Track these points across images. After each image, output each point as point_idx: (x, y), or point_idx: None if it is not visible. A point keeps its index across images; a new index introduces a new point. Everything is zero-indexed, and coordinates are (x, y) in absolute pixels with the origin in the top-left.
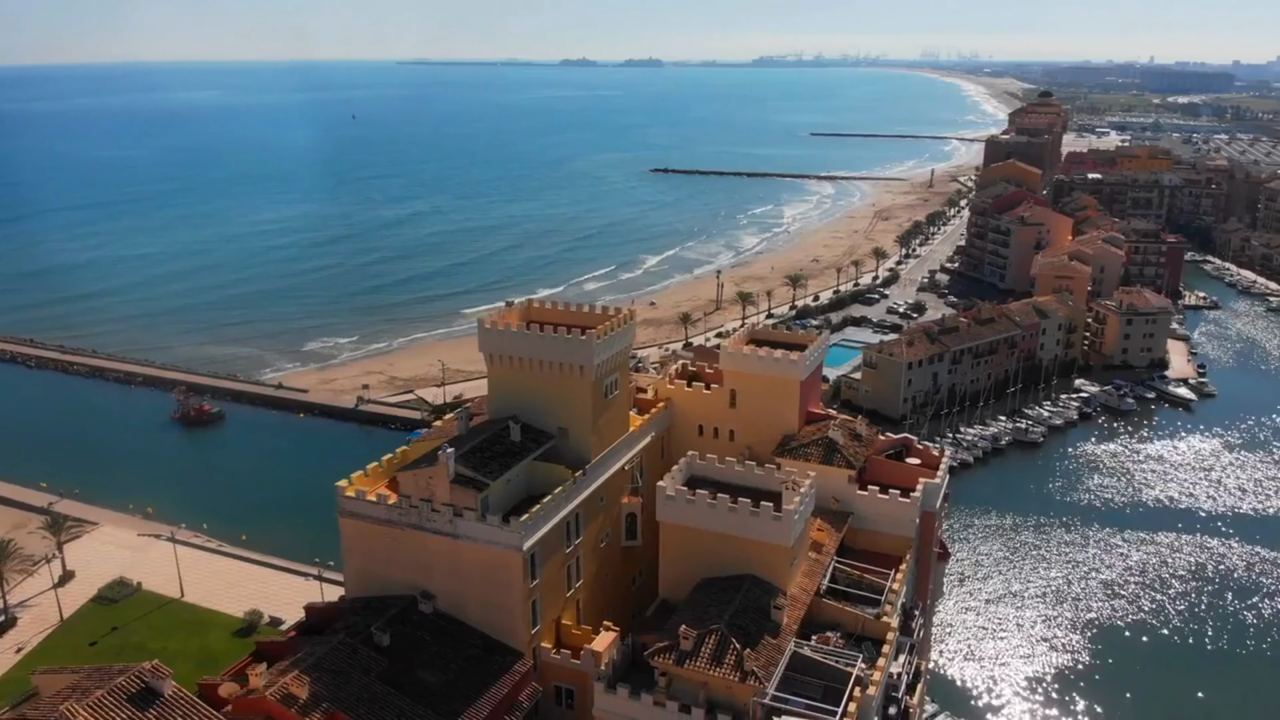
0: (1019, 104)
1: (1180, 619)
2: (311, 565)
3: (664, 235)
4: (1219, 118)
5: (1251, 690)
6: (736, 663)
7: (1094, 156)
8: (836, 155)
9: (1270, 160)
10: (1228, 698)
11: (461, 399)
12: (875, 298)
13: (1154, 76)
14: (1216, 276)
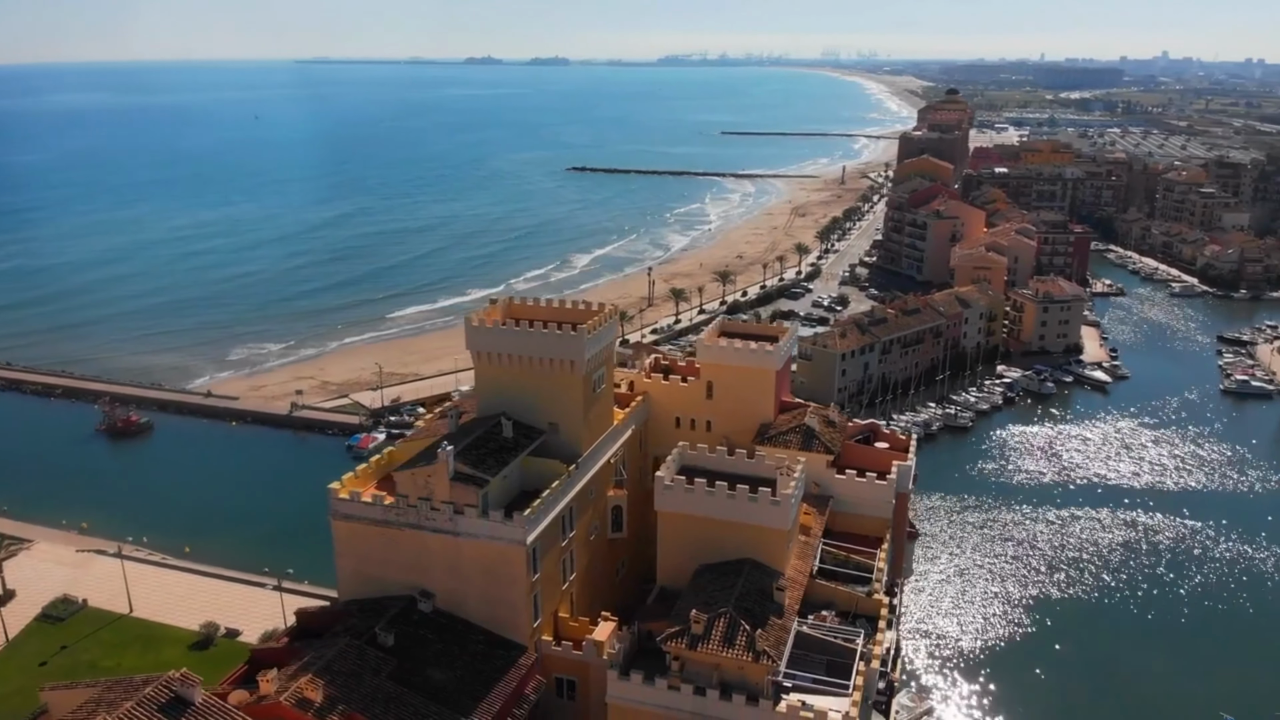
0: (920, 101)
1: (1113, 587)
2: (262, 574)
3: (592, 234)
4: (1110, 112)
5: (1182, 649)
6: (748, 643)
7: (999, 151)
8: (749, 153)
9: (1164, 152)
10: (1162, 657)
11: (399, 402)
12: (800, 292)
13: (1046, 73)
14: (1120, 264)
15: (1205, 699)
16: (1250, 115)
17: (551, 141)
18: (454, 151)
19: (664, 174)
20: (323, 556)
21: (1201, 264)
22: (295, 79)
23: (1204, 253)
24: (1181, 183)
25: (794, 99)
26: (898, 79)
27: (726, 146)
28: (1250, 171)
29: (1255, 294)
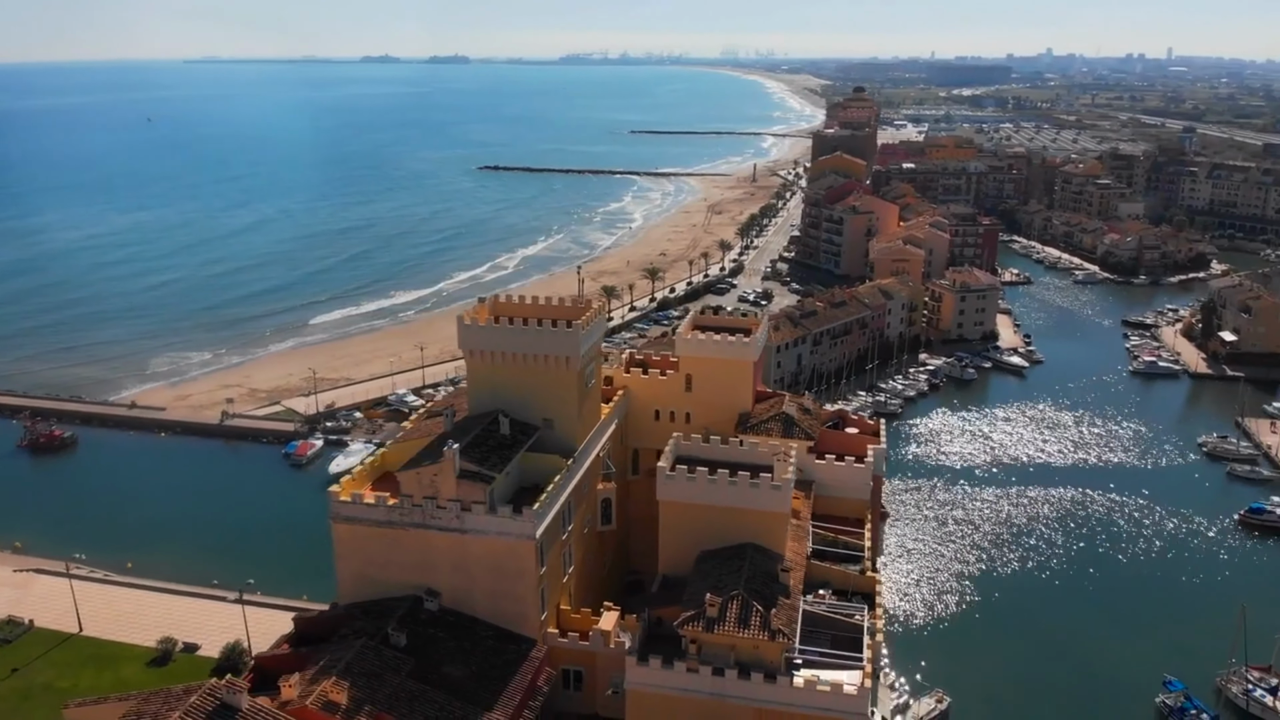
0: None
1: (1050, 560)
2: (212, 587)
3: (518, 234)
4: (1002, 108)
5: (1121, 615)
6: (763, 623)
7: (905, 148)
8: (662, 152)
9: (1057, 146)
10: (1104, 624)
11: (334, 407)
12: (725, 287)
13: (938, 71)
14: (1024, 254)
15: (1148, 662)
16: (1134, 109)
17: (461, 140)
18: (367, 151)
19: (583, 173)
20: (273, 566)
21: (1102, 252)
22: (183, 79)
23: (1103, 241)
24: (1079, 175)
25: (698, 98)
26: (796, 77)
27: (638, 145)
28: (1142, 163)
29: (1153, 279)
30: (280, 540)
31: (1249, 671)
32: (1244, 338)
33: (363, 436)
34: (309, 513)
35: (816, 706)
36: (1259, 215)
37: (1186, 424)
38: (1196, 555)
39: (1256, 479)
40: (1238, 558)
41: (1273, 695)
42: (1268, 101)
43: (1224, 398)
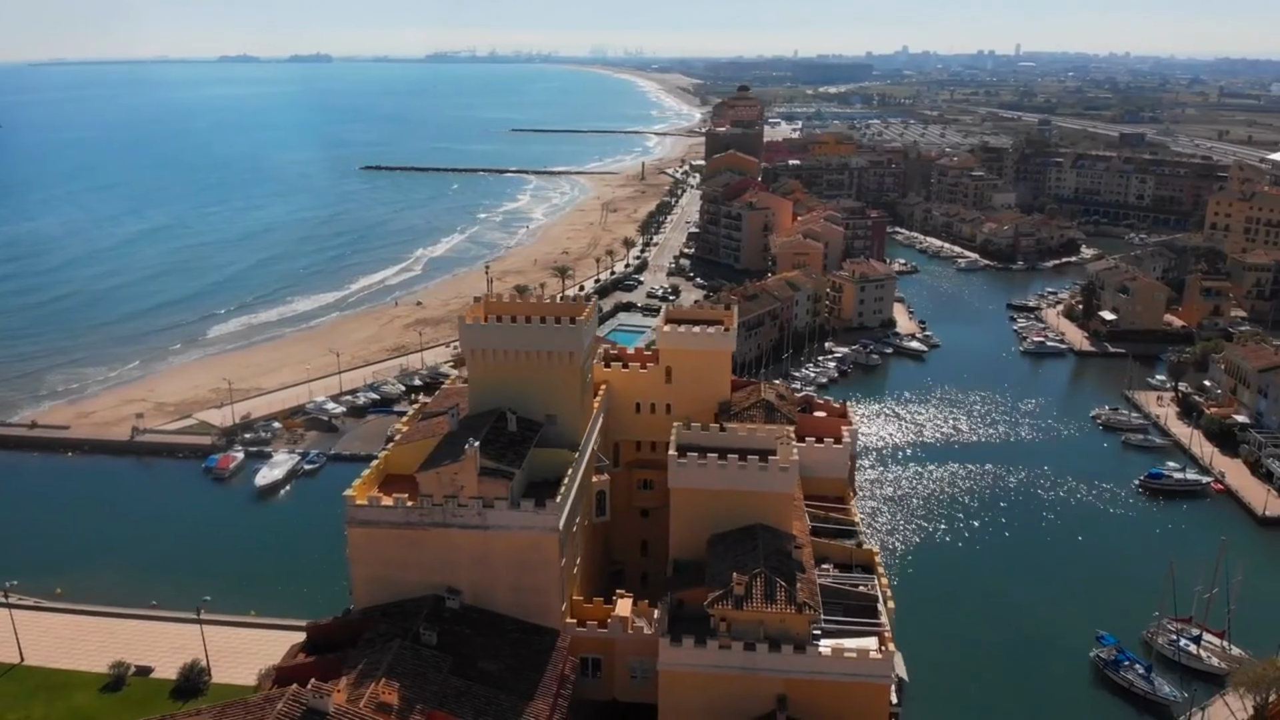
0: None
1: (974, 530)
2: (151, 608)
3: (420, 235)
4: (868, 105)
5: (1050, 578)
6: (788, 598)
7: (788, 145)
8: (545, 150)
9: (926, 140)
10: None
11: (250, 418)
12: (633, 284)
13: (803, 69)
14: (908, 245)
15: (1078, 620)
16: (990, 103)
17: (337, 140)
18: (245, 154)
19: (475, 171)
20: (213, 582)
21: (981, 240)
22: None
23: (982, 230)
24: (954, 168)
25: (573, 96)
26: (667, 76)
27: (521, 144)
28: (1011, 155)
29: (1030, 265)
30: (217, 556)
31: (1171, 624)
32: (1123, 316)
33: (285, 447)
34: (241, 527)
35: (844, 673)
36: (1121, 201)
37: (1078, 399)
38: (1107, 519)
39: (1149, 447)
40: (1144, 519)
41: (1195, 644)
42: (1114, 93)
43: (1108, 373)
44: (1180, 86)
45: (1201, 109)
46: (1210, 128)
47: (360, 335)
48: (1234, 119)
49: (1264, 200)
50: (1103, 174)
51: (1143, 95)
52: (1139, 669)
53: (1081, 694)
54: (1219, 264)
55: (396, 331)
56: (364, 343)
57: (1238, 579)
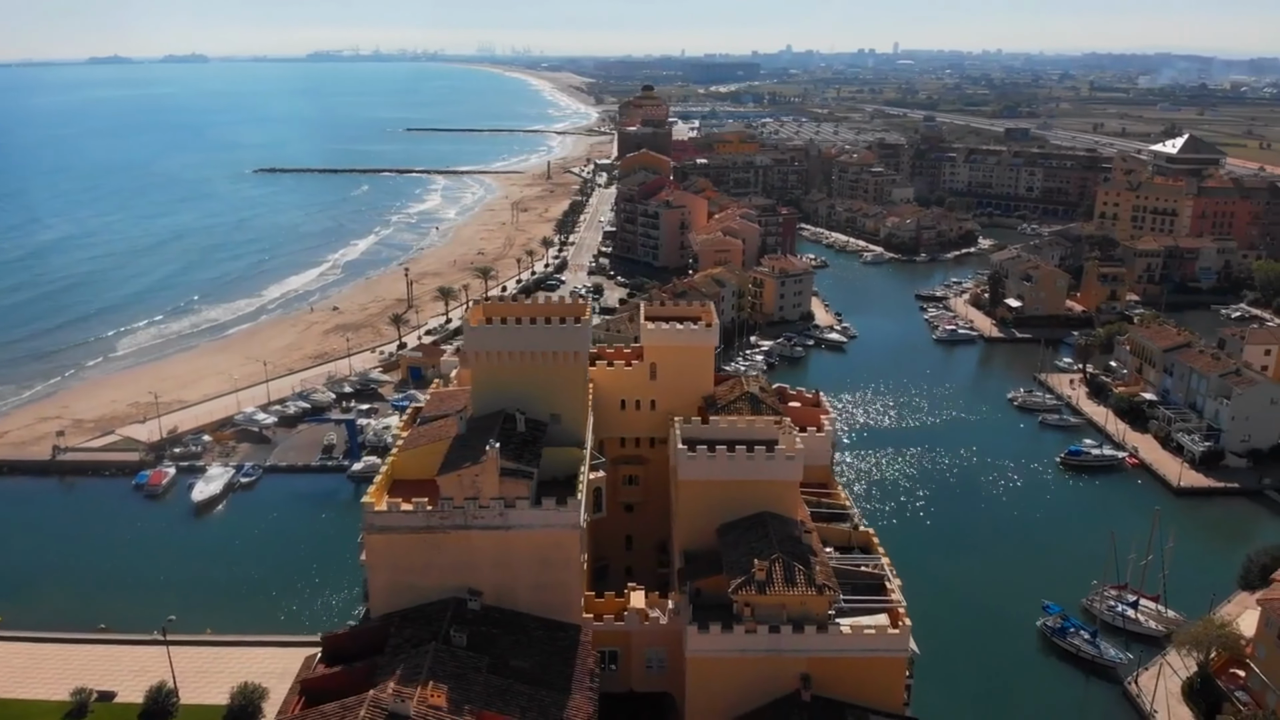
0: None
1: (914, 511)
2: (99, 631)
3: (332, 239)
4: (760, 104)
5: (993, 555)
6: (808, 580)
7: (694, 144)
8: (445, 150)
9: (821, 138)
10: (979, 563)
11: (177, 432)
12: (555, 284)
13: (693, 68)
14: (815, 240)
15: (1021, 592)
16: (875, 100)
17: (226, 143)
18: (138, 160)
19: (366, 172)
20: (160, 602)
21: (885, 234)
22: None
23: (885, 225)
24: (854, 164)
25: (465, 95)
26: (559, 75)
27: (420, 143)
28: (907, 151)
29: (932, 256)
30: (161, 575)
31: (1109, 591)
32: (1027, 303)
33: (217, 460)
34: (182, 544)
35: (865, 649)
36: (1012, 194)
37: (992, 383)
38: (1035, 496)
39: (1065, 426)
40: (1069, 494)
41: (1133, 609)
42: (991, 90)
43: (1017, 357)
44: (1052, 82)
45: (1075, 103)
46: (1085, 121)
47: (279, 343)
48: (1106, 112)
49: (1150, 190)
50: (994, 168)
51: (1018, 91)
52: (1085, 635)
53: (1032, 661)
54: (1112, 251)
55: (316, 338)
56: (284, 350)
57: (1169, 546)
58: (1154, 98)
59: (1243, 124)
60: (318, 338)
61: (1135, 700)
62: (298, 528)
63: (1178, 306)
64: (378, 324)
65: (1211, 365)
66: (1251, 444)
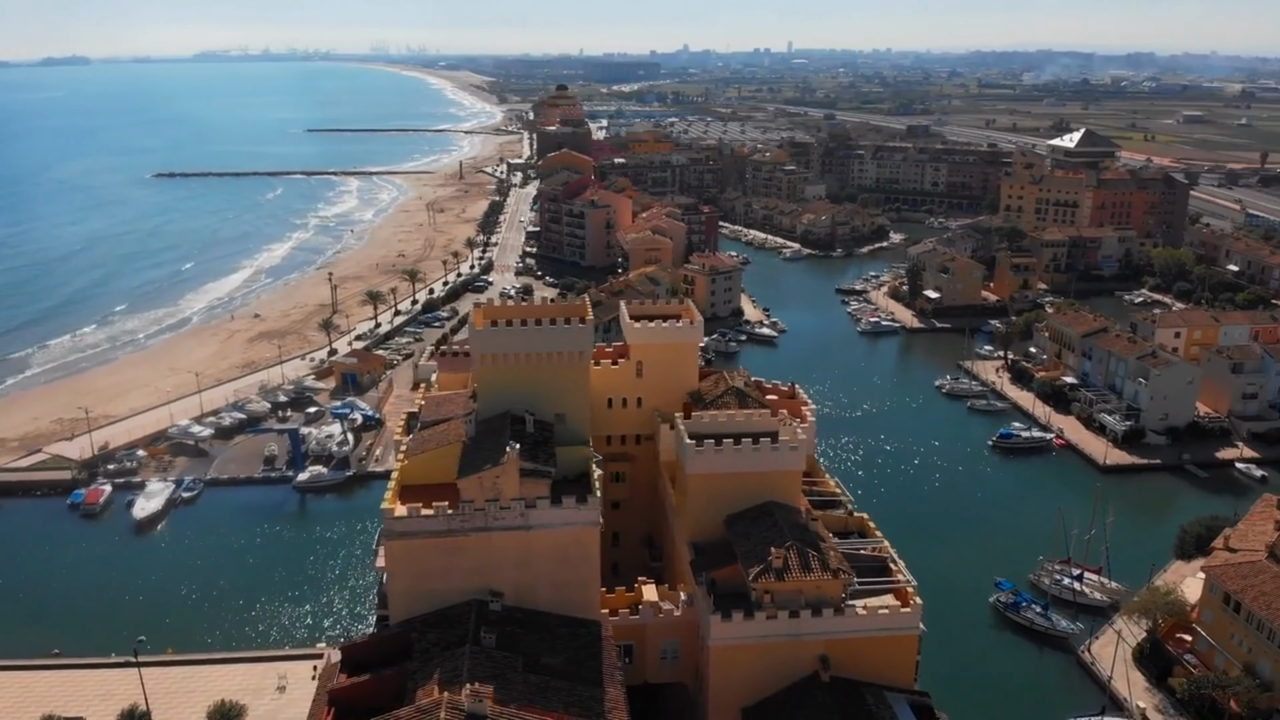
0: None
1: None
2: (53, 656)
3: (248, 244)
4: (664, 103)
5: (941, 537)
6: (822, 565)
7: (610, 143)
8: (349, 151)
9: (729, 137)
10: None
11: (109, 448)
12: (483, 285)
13: (593, 67)
14: (734, 238)
15: (972, 570)
16: (775, 100)
17: (121, 147)
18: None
19: (269, 175)
20: (115, 624)
21: (801, 231)
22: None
23: (801, 221)
24: (767, 163)
25: (363, 94)
26: (457, 74)
27: (322, 144)
28: (816, 149)
29: (847, 252)
30: (109, 596)
31: (1054, 565)
32: (945, 294)
33: (154, 475)
34: (128, 563)
35: (880, 628)
36: (918, 189)
37: (919, 372)
38: (973, 477)
39: (992, 410)
40: (1004, 475)
41: (1078, 581)
42: (884, 88)
43: (939, 346)
44: (942, 79)
45: (965, 100)
46: (977, 117)
47: (203, 353)
48: (996, 108)
49: (1051, 183)
50: (900, 164)
51: (911, 89)
52: (1037, 608)
53: (989, 636)
54: (1020, 242)
55: (241, 346)
56: (209, 360)
57: (1110, 520)
58: (1039, 93)
59: (1126, 117)
60: (242, 346)
61: (1090, 668)
62: (247, 541)
63: (1083, 294)
64: (303, 330)
65: (1129, 348)
66: (1169, 422)
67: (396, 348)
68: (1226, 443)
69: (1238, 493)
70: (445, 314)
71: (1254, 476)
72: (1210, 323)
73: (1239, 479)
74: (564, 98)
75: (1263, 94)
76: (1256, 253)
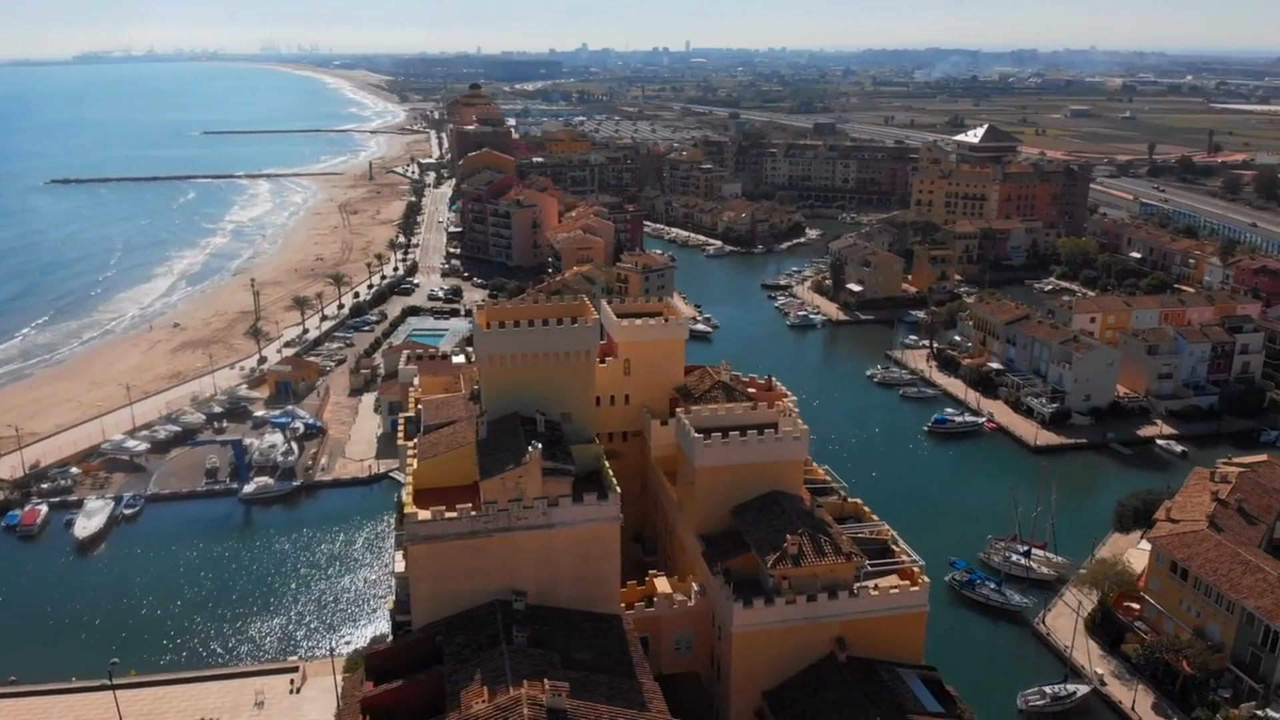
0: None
1: None
2: (9, 684)
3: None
4: (569, 102)
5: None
6: (835, 549)
7: (526, 142)
8: (251, 152)
9: (640, 136)
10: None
11: (40, 466)
12: (409, 287)
13: (493, 66)
14: (657, 236)
15: (928, 551)
16: (679, 99)
17: (6, 152)
18: None
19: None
20: (63, 649)
21: (722, 228)
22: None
23: (722, 219)
24: (684, 161)
25: (261, 95)
26: (353, 73)
27: (222, 147)
28: (730, 148)
29: (768, 248)
30: (62, 619)
31: (1001, 543)
32: (868, 287)
33: (92, 493)
34: (74, 585)
35: (891, 607)
36: (830, 185)
37: (849, 362)
38: (912, 462)
39: (924, 398)
40: (942, 458)
41: (1025, 557)
42: (784, 86)
43: (865, 337)
44: (838, 77)
45: (861, 98)
46: (875, 114)
47: (125, 365)
48: (892, 105)
49: (960, 177)
50: (812, 162)
51: (809, 87)
52: (991, 585)
53: (947, 613)
54: (934, 235)
55: (164, 357)
56: (133, 373)
57: (1053, 498)
58: (932, 90)
59: (1016, 113)
60: (166, 357)
61: (1046, 639)
62: (195, 557)
63: (996, 283)
64: (228, 339)
65: (1052, 334)
66: (1092, 403)
67: (328, 354)
68: (1146, 421)
69: (1160, 468)
70: (374, 317)
71: (1174, 452)
72: (1122, 308)
73: (1160, 455)
74: (478, 97)
75: (1142, 87)
76: (1157, 240)
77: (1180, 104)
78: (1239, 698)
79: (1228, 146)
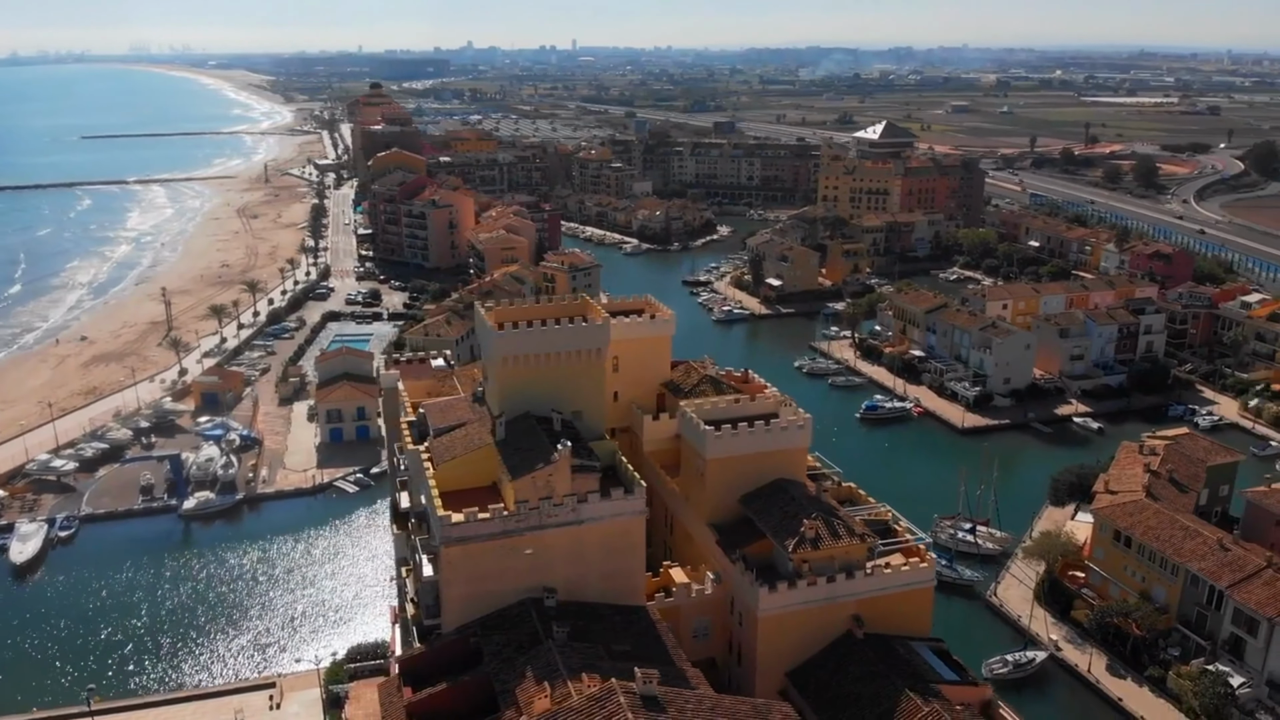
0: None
1: None
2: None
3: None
4: (461, 101)
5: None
6: (849, 531)
7: (430, 141)
8: (135, 157)
9: (539, 134)
10: None
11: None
12: (325, 292)
13: (379, 65)
14: (573, 235)
15: None
16: (572, 97)
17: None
18: None
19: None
20: (13, 678)
21: (637, 226)
22: None
23: (636, 217)
24: (593, 160)
25: (138, 97)
26: (232, 74)
27: (104, 152)
28: (637, 147)
29: (683, 245)
30: (10, 648)
31: (945, 522)
32: (787, 281)
33: (22, 515)
34: (14, 611)
35: (902, 583)
36: (735, 183)
37: (775, 355)
38: (848, 448)
39: (852, 386)
40: (876, 443)
41: (971, 534)
42: (673, 85)
43: (787, 330)
44: (725, 76)
45: (751, 96)
46: (766, 112)
47: (35, 382)
48: (781, 103)
49: (864, 173)
50: (717, 160)
51: (699, 86)
52: (943, 561)
53: None
54: (843, 230)
55: (76, 372)
56: (45, 389)
57: (995, 475)
58: (817, 88)
59: (900, 109)
60: (78, 372)
61: (1000, 610)
62: (140, 577)
63: (904, 274)
64: (141, 350)
65: (971, 321)
66: (1012, 385)
67: (250, 363)
68: (1062, 400)
69: (1079, 444)
70: (293, 324)
71: (1091, 429)
72: (1032, 294)
73: (1078, 431)
74: (380, 96)
75: (1016, 82)
76: (1054, 229)
77: (1053, 98)
78: (1188, 655)
79: (1103, 138)
